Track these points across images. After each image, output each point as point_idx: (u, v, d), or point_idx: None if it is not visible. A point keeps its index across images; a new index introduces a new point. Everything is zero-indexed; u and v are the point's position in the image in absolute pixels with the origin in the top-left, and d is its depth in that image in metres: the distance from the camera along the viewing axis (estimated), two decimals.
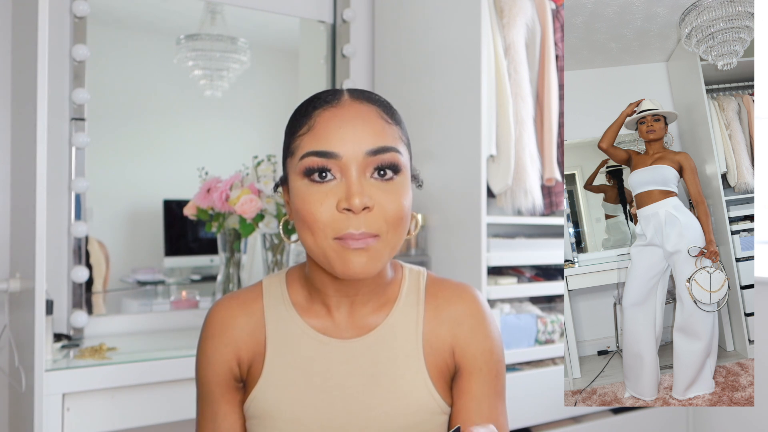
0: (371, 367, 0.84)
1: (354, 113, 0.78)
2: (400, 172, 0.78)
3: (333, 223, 0.75)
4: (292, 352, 0.85)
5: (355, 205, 0.74)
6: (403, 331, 0.86)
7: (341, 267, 0.76)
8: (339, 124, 0.77)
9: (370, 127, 0.77)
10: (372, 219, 0.75)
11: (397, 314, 0.87)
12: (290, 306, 0.87)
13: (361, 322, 0.86)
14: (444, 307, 0.88)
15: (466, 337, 0.87)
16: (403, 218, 0.78)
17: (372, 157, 0.76)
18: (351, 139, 0.76)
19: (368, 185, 0.76)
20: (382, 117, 0.79)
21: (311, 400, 0.83)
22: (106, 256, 1.90)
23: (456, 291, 0.90)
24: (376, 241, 0.76)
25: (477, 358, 0.87)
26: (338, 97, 0.80)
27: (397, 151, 0.78)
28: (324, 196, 0.76)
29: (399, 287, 0.88)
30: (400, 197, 0.77)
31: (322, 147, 0.76)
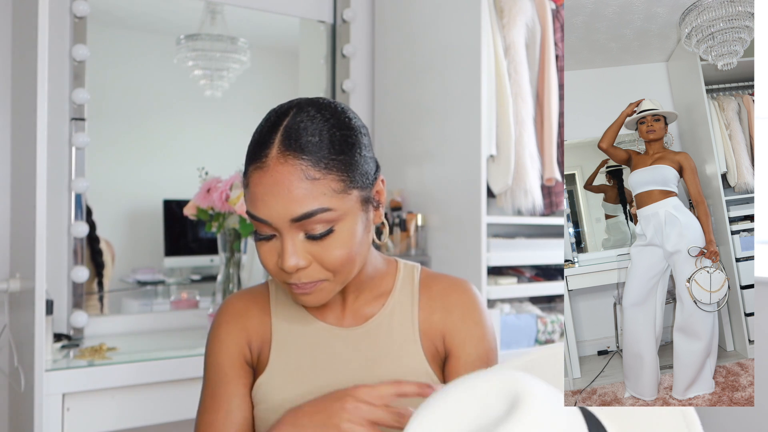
0: (371, 351, 0.89)
1: (276, 179, 0.76)
2: (336, 224, 0.79)
3: (279, 275, 0.82)
4: (297, 340, 0.91)
5: (288, 268, 0.78)
6: (400, 318, 0.91)
7: (298, 301, 0.84)
8: (264, 191, 0.77)
9: (292, 194, 0.76)
10: (311, 272, 0.80)
11: (393, 303, 0.92)
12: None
13: (359, 313, 0.91)
14: (437, 297, 0.93)
15: (456, 323, 0.91)
16: (349, 260, 0.81)
17: (297, 223, 0.77)
18: (275, 208, 0.77)
19: (302, 243, 0.79)
20: (307, 175, 0.76)
21: (315, 383, 0.88)
22: (113, 255, 1.91)
23: (449, 282, 0.94)
24: (321, 284, 0.81)
25: (466, 343, 0.91)
26: (266, 152, 0.78)
27: (323, 210, 0.77)
28: (269, 251, 0.81)
29: (394, 279, 0.94)
30: (340, 245, 0.79)
31: (255, 212, 0.79)
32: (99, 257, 1.86)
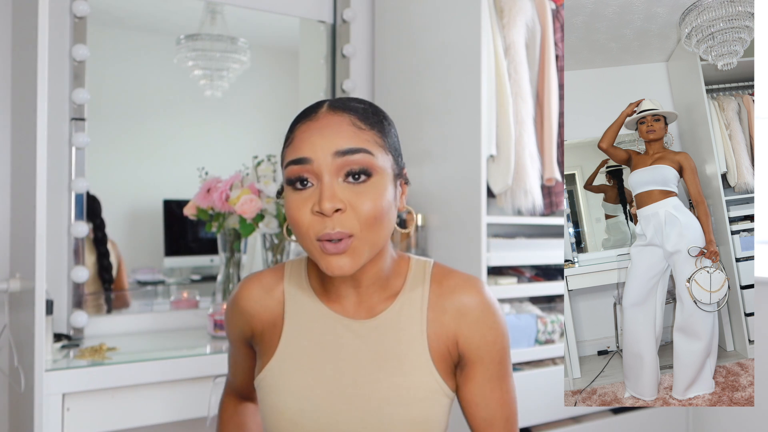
0: (378, 345, 0.90)
1: (325, 122, 0.83)
2: (373, 175, 0.82)
3: (312, 226, 0.81)
4: (308, 328, 0.92)
5: (326, 208, 0.79)
6: (408, 315, 0.91)
7: (324, 266, 0.83)
8: (311, 133, 0.83)
9: (340, 133, 0.82)
10: (345, 219, 0.81)
11: (403, 299, 0.92)
12: (308, 288, 0.94)
13: (371, 307, 0.92)
14: (448, 295, 0.92)
15: (470, 328, 0.91)
16: (379, 217, 0.82)
17: (341, 158, 0.81)
18: (320, 144, 0.81)
19: (340, 188, 0.81)
20: (354, 124, 0.84)
21: (322, 370, 0.90)
22: (118, 255, 1.91)
23: (461, 280, 0.93)
24: (352, 241, 0.81)
25: (480, 348, 0.91)
26: (317, 109, 0.86)
27: (367, 152, 0.82)
28: (303, 202, 0.82)
29: (405, 277, 0.94)
30: (374, 198, 0.82)
31: (297, 155, 0.82)
32: (106, 258, 1.87)
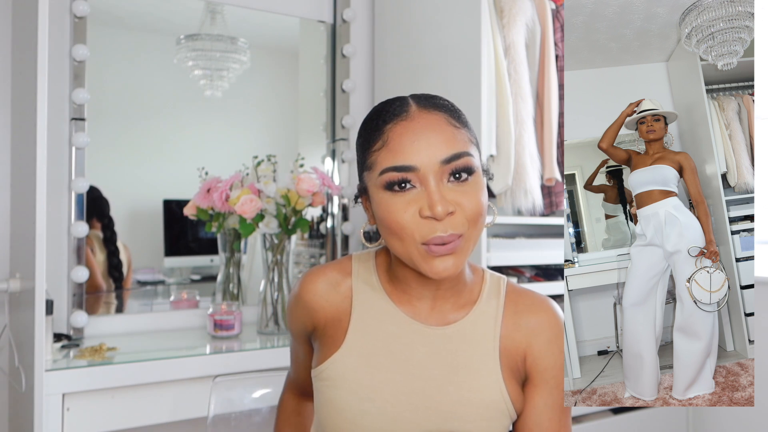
0: (450, 355, 0.87)
1: (424, 124, 0.81)
2: (474, 173, 0.81)
3: (419, 229, 0.79)
4: (377, 327, 0.89)
5: (439, 213, 0.77)
6: (482, 329, 0.89)
7: (428, 269, 0.80)
8: (412, 138, 0.80)
9: (441, 136, 0.80)
10: (456, 221, 0.79)
11: (478, 312, 0.90)
12: (379, 287, 0.92)
13: (443, 315, 0.90)
14: (523, 313, 0.91)
15: (542, 348, 0.89)
16: (482, 214, 0.82)
17: (447, 165, 0.79)
18: (425, 151, 0.79)
19: (446, 190, 0.80)
20: (451, 123, 0.82)
21: (389, 373, 0.87)
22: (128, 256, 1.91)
23: (536, 301, 0.93)
24: (460, 241, 0.80)
25: (548, 371, 0.89)
26: (406, 108, 0.83)
27: (469, 154, 0.81)
28: (407, 204, 0.80)
29: (480, 289, 0.92)
30: (477, 195, 0.81)
31: (399, 162, 0.79)
32: (115, 257, 1.87)
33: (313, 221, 2.19)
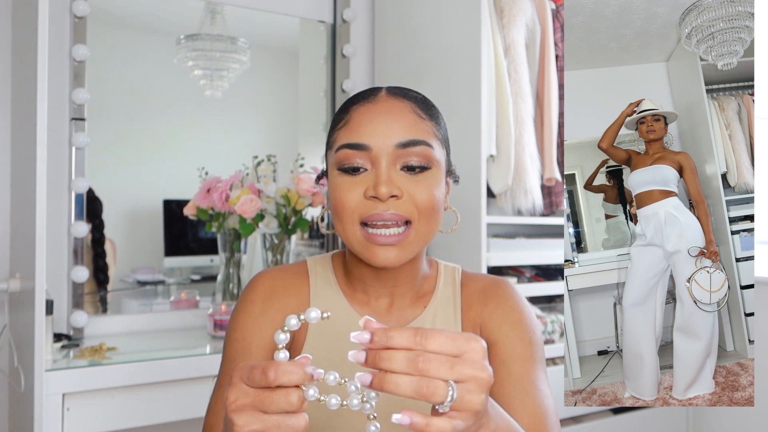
0: None
1: (387, 107, 0.80)
2: (431, 168, 0.79)
3: (359, 209, 0.78)
4: (338, 331, 0.85)
5: (382, 193, 0.76)
6: (443, 320, 0.88)
7: (369, 256, 0.78)
8: (371, 118, 0.79)
9: (402, 122, 0.79)
10: (402, 204, 0.77)
11: (436, 304, 0.89)
12: (337, 288, 0.89)
13: (402, 312, 0.88)
14: (474, 294, 0.90)
15: (491, 311, 0.88)
16: (434, 208, 0.79)
17: (402, 149, 0.78)
18: (382, 132, 0.78)
19: (397, 176, 0.78)
20: (416, 112, 0.81)
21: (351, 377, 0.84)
22: (114, 255, 1.91)
23: (488, 280, 0.93)
24: (408, 233, 0.78)
25: (503, 326, 0.87)
26: (375, 93, 0.83)
27: (428, 145, 0.79)
28: (353, 185, 0.78)
29: (435, 281, 0.91)
30: (430, 188, 0.79)
31: (355, 139, 0.78)
32: (101, 259, 1.87)
33: (312, 221, 2.19)
